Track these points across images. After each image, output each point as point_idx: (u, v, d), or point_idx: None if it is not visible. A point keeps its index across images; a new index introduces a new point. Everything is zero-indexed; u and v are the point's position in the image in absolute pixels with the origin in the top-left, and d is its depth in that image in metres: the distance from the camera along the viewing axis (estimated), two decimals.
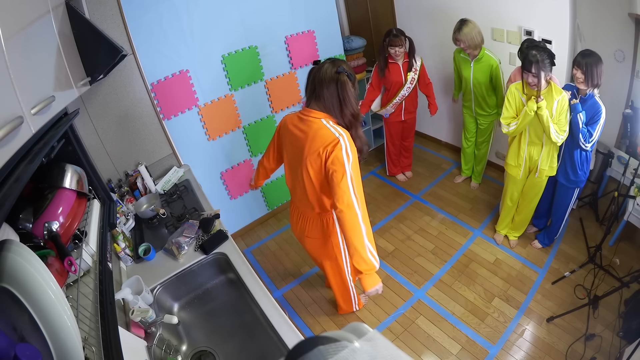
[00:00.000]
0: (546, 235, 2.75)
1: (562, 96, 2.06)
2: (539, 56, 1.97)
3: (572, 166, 2.31)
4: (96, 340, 1.04)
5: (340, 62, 1.56)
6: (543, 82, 2.03)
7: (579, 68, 2.01)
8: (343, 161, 1.45)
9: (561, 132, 2.11)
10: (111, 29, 2.06)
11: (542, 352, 2.12)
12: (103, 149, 2.24)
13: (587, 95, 2.08)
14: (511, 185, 2.58)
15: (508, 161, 2.49)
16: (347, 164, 1.45)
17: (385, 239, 3.04)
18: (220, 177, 2.91)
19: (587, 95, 2.08)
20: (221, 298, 1.83)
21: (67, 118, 1.38)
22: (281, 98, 2.95)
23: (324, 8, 2.95)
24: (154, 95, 2.35)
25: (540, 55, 1.97)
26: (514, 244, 2.83)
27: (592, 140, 2.10)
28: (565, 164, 2.36)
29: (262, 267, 2.96)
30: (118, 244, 1.76)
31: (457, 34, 2.68)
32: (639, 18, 2.23)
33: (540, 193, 2.53)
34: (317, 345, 0.50)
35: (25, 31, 1.02)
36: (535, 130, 2.23)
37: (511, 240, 2.84)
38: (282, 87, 2.92)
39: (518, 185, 2.55)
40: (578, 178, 2.33)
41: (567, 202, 2.49)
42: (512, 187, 2.58)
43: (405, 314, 2.44)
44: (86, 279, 1.26)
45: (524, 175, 2.47)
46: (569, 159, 2.31)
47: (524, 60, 2.04)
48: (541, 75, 1.99)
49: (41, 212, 1.22)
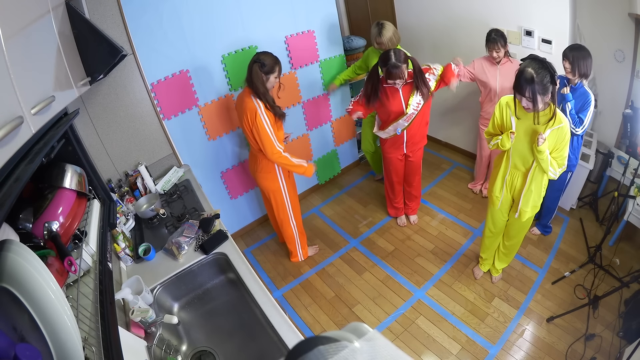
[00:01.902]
0: (542, 222, 2.81)
1: (561, 126, 1.72)
2: (536, 77, 1.59)
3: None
4: (96, 340, 1.04)
5: (261, 53, 2.13)
6: (541, 106, 1.68)
7: (567, 59, 2.11)
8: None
9: (560, 166, 1.83)
10: (111, 29, 2.06)
11: (542, 352, 2.12)
12: (103, 149, 2.24)
13: (576, 85, 2.18)
14: (490, 214, 2.27)
15: (489, 186, 2.21)
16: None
17: (385, 239, 3.04)
18: (220, 177, 2.91)
19: (576, 85, 2.18)
20: (221, 298, 1.83)
21: (67, 118, 1.38)
22: (281, 98, 2.94)
23: (324, 8, 2.95)
24: (154, 95, 2.35)
25: (538, 75, 1.59)
26: (496, 280, 2.55)
27: (583, 126, 2.19)
28: None
29: (262, 267, 2.97)
30: (118, 244, 1.76)
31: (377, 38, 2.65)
32: (639, 18, 2.23)
33: (524, 232, 2.25)
34: (317, 345, 0.50)
35: (25, 31, 1.02)
36: (521, 155, 1.91)
37: (494, 277, 2.56)
38: (282, 87, 2.91)
39: (497, 217, 2.23)
40: (570, 162, 2.38)
41: (560, 187, 2.53)
42: (491, 215, 2.26)
43: (405, 314, 2.44)
44: (86, 279, 1.26)
45: (504, 207, 2.17)
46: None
47: (517, 79, 1.68)
48: (538, 99, 1.64)
49: (41, 212, 1.22)
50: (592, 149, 2.79)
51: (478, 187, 3.37)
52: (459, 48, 3.14)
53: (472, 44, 3.09)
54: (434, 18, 3.35)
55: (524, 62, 1.69)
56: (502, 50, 2.56)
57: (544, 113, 1.73)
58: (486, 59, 2.71)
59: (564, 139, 1.75)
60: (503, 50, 2.56)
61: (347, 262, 2.88)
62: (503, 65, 2.63)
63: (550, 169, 1.82)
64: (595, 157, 2.80)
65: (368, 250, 2.95)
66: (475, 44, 3.08)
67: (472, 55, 3.10)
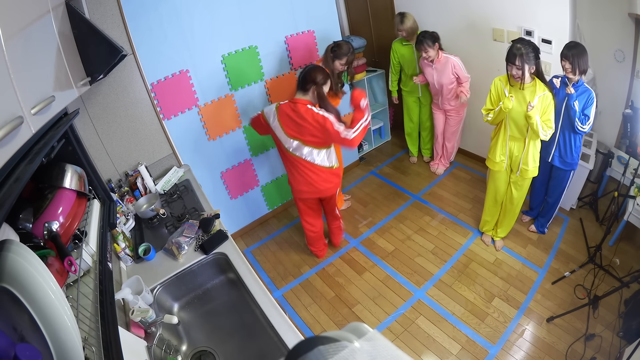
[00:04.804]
0: (541, 221, 2.82)
1: (545, 94, 2.11)
2: (523, 49, 2.02)
3: (568, 148, 2.38)
4: (96, 340, 1.04)
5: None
6: (527, 76, 2.09)
7: (567, 60, 2.11)
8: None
9: (549, 128, 2.17)
10: (111, 29, 2.06)
11: (542, 352, 2.12)
12: (103, 149, 2.24)
13: (578, 82, 2.18)
14: (493, 184, 2.59)
15: (490, 156, 2.51)
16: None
17: (385, 239, 3.04)
18: (220, 177, 2.91)
19: (578, 82, 2.18)
20: (221, 298, 1.83)
21: (67, 118, 1.38)
22: (281, 98, 2.93)
23: (324, 8, 2.95)
24: (154, 95, 2.35)
25: (524, 48, 2.02)
26: (500, 246, 2.79)
27: (589, 123, 2.20)
28: (559, 147, 2.42)
29: (262, 267, 2.97)
30: (118, 244, 1.76)
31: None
32: (639, 18, 2.23)
33: (524, 194, 2.55)
34: (317, 345, 0.50)
35: (25, 31, 1.02)
36: (517, 125, 2.27)
37: (497, 242, 2.81)
38: (282, 87, 2.92)
39: (501, 185, 2.56)
40: (573, 160, 2.41)
41: (564, 185, 2.55)
42: (495, 185, 2.58)
43: (405, 314, 2.44)
44: (86, 279, 1.26)
45: (507, 173, 2.50)
46: (563, 142, 2.38)
47: (508, 52, 2.09)
48: (525, 67, 2.05)
49: (41, 212, 1.22)
50: (592, 149, 2.78)
51: (435, 166, 3.73)
52: (459, 48, 3.14)
53: (472, 44, 3.09)
54: (434, 18, 3.34)
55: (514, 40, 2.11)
56: (430, 51, 2.84)
57: (530, 85, 2.13)
58: (423, 59, 3.01)
59: (549, 105, 2.14)
60: (432, 50, 2.83)
61: (347, 262, 2.88)
62: (438, 63, 2.92)
63: (541, 131, 2.15)
64: (595, 157, 2.80)
65: (368, 250, 2.95)
66: (475, 44, 3.08)
67: (471, 55, 3.11)
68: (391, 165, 3.94)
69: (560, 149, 2.41)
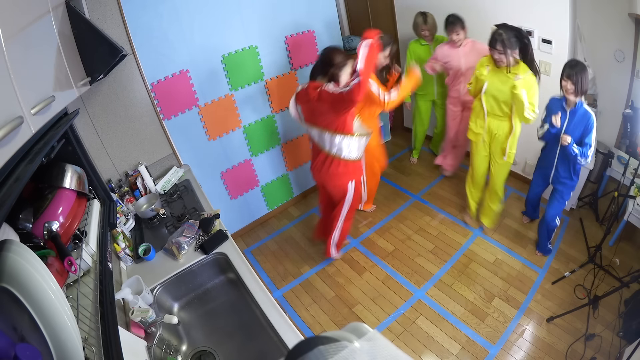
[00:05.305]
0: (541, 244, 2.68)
1: (527, 74, 2.17)
2: (505, 34, 2.10)
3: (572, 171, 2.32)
4: (96, 340, 1.04)
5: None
6: (511, 60, 2.16)
7: (569, 79, 2.00)
8: None
9: (532, 111, 2.20)
10: (111, 29, 2.06)
11: (542, 352, 2.12)
12: (103, 149, 2.24)
13: (577, 104, 2.09)
14: (472, 156, 2.71)
15: (470, 126, 2.63)
16: None
17: (385, 239, 3.04)
18: (220, 177, 2.91)
19: (577, 104, 2.09)
20: (221, 298, 1.83)
21: (67, 118, 1.38)
22: (281, 98, 2.95)
23: (324, 8, 2.94)
24: (154, 95, 2.35)
25: (506, 33, 2.10)
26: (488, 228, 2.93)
27: (590, 153, 2.12)
28: (558, 172, 2.37)
29: (262, 267, 2.97)
30: (118, 244, 1.76)
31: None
32: (639, 18, 2.23)
33: (505, 176, 2.64)
34: (317, 345, 0.50)
35: (25, 31, 1.02)
36: (497, 101, 2.35)
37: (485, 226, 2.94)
38: (282, 87, 2.92)
39: (479, 162, 2.68)
40: (574, 182, 2.37)
41: (562, 205, 2.48)
42: (474, 163, 2.71)
43: (405, 314, 2.44)
44: (86, 279, 1.26)
45: (485, 150, 2.61)
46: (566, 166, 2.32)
47: (490, 37, 2.17)
48: (507, 52, 2.13)
49: (41, 212, 1.22)
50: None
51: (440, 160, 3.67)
52: None
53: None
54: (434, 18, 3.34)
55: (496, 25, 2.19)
56: (461, 33, 2.80)
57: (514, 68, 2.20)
58: (447, 44, 2.94)
59: (532, 86, 2.17)
60: (462, 32, 2.80)
61: (347, 262, 2.88)
62: (465, 47, 2.87)
63: (527, 110, 2.17)
64: (595, 157, 2.80)
65: (368, 250, 2.95)
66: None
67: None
68: (391, 165, 3.93)
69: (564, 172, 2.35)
